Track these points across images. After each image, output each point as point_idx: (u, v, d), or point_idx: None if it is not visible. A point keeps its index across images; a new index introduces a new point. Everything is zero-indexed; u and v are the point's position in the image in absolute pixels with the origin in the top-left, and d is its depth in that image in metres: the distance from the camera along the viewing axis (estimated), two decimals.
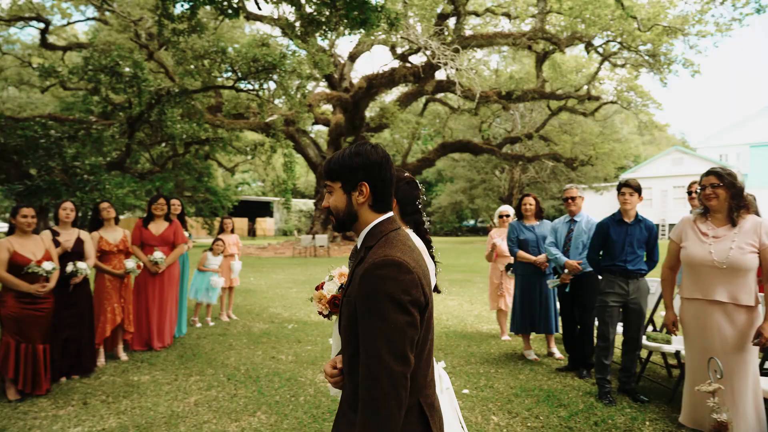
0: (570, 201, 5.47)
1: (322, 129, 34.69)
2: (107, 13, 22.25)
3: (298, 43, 12.08)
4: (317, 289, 2.06)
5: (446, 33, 20.21)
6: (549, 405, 4.34)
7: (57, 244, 5.06)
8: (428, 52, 18.81)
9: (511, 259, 6.25)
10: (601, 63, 23.42)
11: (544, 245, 5.62)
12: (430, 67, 21.20)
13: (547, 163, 31.71)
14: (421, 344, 1.56)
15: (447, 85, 23.95)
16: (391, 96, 29.01)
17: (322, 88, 27.39)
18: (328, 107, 28.08)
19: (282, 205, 17.24)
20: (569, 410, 4.22)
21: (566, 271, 5.29)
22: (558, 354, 5.90)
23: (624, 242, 4.52)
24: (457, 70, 18.08)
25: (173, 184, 25.41)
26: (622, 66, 23.61)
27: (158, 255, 6.15)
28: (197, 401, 4.44)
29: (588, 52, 23.20)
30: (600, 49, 22.74)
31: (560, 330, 5.90)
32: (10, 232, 4.68)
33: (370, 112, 26.41)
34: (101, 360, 5.62)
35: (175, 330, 6.73)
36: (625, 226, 4.56)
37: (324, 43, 19.32)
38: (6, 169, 8.29)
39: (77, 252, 5.18)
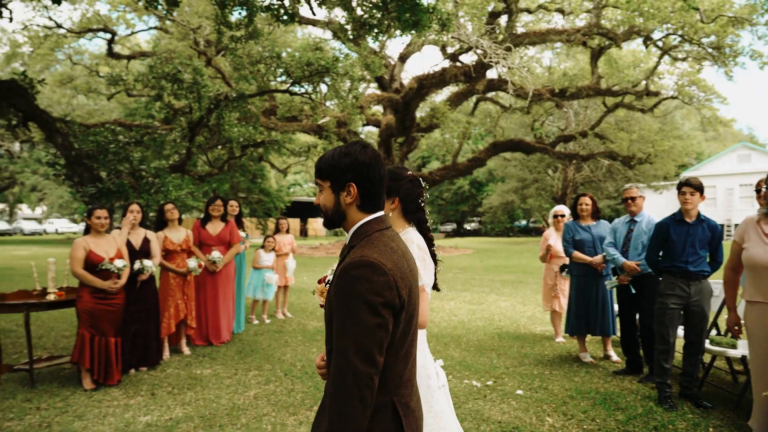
0: (630, 201, 5.34)
1: (373, 130, 34.95)
2: (168, 23, 23.23)
3: (350, 46, 12.27)
4: (320, 282, 2.13)
5: (498, 31, 19.97)
6: (606, 408, 4.27)
7: (129, 243, 5.37)
8: (479, 51, 18.65)
9: (566, 260, 6.16)
10: (661, 57, 22.52)
11: (603, 245, 5.50)
12: (481, 66, 21.01)
13: (603, 162, 30.79)
14: (397, 345, 1.58)
15: (498, 84, 23.63)
16: (441, 96, 28.92)
17: (373, 89, 27.61)
18: (378, 108, 28.26)
19: None
20: (627, 414, 4.14)
21: (625, 272, 5.19)
22: (615, 357, 5.77)
23: (685, 243, 4.38)
24: (509, 68, 17.84)
25: (229, 186, 26.24)
26: (684, 59, 22.62)
27: (216, 254, 6.40)
28: (256, 395, 4.62)
29: (646, 47, 22.37)
30: (659, 43, 21.88)
31: (617, 332, 5.77)
32: (87, 232, 5.01)
33: (420, 113, 26.41)
34: (166, 354, 5.91)
35: (234, 326, 6.99)
36: (686, 226, 4.42)
37: (374, 45, 19.49)
38: (80, 173, 8.86)
39: (144, 251, 5.47)
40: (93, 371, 4.81)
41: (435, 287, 2.38)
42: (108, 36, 23.58)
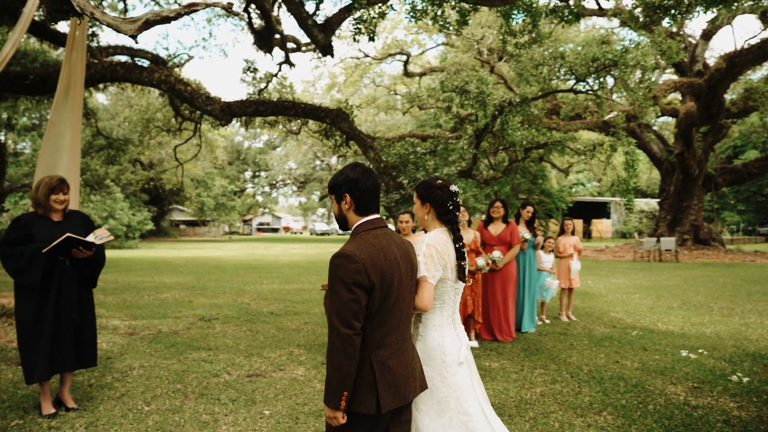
0: None
1: (668, 121, 31.34)
2: (453, 37, 24.96)
3: (641, 33, 11.32)
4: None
5: None
6: None
7: None
8: None
9: None
10: None
11: None
12: None
13: None
14: (374, 316, 2.10)
15: None
16: (759, 73, 24.26)
17: (668, 75, 24.77)
18: (675, 96, 25.22)
19: (624, 206, 16.30)
20: None
21: None
22: None
23: None
24: None
25: (510, 188, 26.74)
26: None
27: (497, 254, 6.74)
28: (542, 392, 4.75)
29: None
30: None
31: None
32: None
33: (730, 95, 22.64)
34: None
35: (524, 325, 7.28)
36: None
37: (668, 25, 17.47)
38: (386, 182, 10.40)
39: None
40: None
41: (461, 278, 2.60)
42: (404, 58, 26.62)
